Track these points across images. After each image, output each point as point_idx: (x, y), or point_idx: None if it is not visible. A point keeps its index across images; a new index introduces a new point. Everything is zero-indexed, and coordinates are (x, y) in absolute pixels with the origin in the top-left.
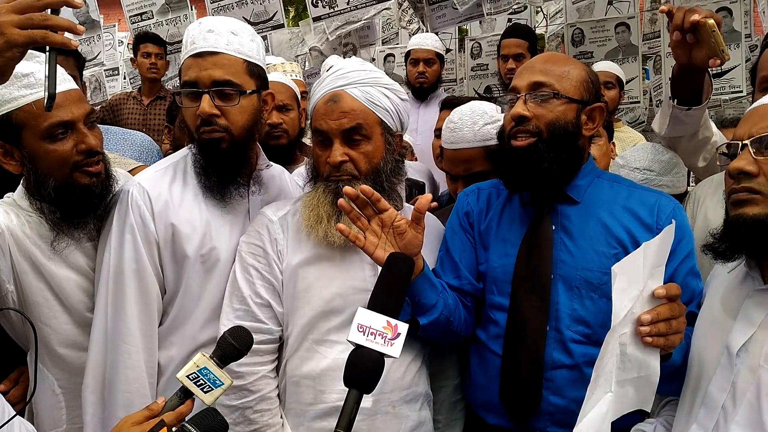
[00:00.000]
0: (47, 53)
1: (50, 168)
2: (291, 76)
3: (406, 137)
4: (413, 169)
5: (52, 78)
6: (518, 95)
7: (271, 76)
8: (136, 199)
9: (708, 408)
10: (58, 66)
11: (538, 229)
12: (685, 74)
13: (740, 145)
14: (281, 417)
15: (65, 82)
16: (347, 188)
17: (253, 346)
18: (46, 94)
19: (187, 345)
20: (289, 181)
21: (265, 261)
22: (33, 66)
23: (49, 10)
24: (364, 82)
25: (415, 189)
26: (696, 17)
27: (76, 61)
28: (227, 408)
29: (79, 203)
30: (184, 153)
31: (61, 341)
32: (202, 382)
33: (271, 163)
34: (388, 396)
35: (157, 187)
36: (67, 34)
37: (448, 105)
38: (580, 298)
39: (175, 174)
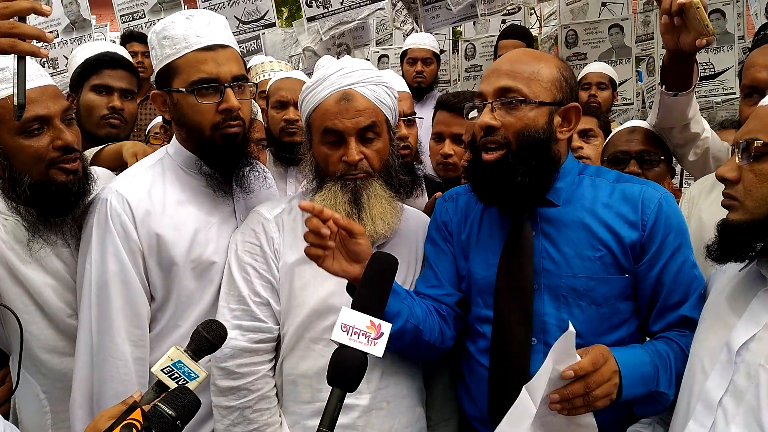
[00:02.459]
0: (16, 62)
1: (25, 164)
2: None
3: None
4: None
5: (21, 87)
6: (485, 102)
7: (288, 73)
8: (115, 208)
9: (705, 404)
10: (33, 62)
11: (517, 238)
12: (675, 60)
13: (731, 150)
14: (279, 416)
15: (41, 77)
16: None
17: (253, 345)
18: (16, 103)
19: None
20: (271, 181)
21: (263, 259)
22: (7, 60)
23: (16, 18)
24: (370, 81)
25: (432, 186)
26: (681, 0)
27: (137, 81)
28: (226, 409)
29: (55, 201)
30: (160, 155)
31: (42, 347)
32: (176, 375)
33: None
34: (383, 392)
35: (137, 194)
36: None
37: (443, 104)
38: (568, 307)
39: (153, 179)
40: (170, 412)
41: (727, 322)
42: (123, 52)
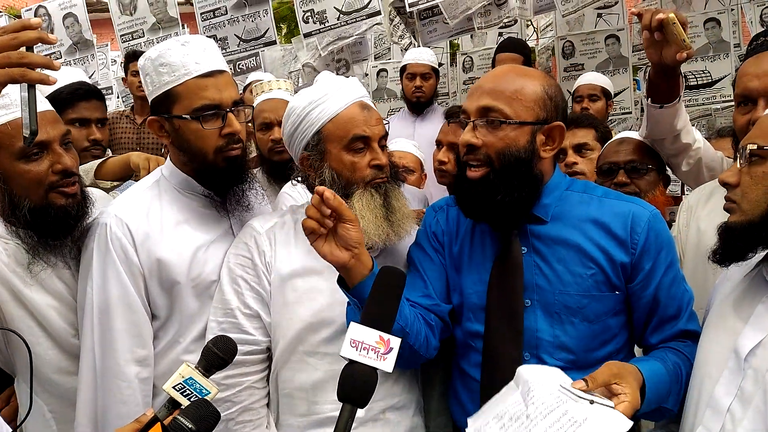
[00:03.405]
0: (27, 90)
1: (25, 189)
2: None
3: (417, 153)
4: (410, 195)
5: (33, 114)
6: (468, 120)
7: (273, 93)
8: (115, 233)
9: (714, 411)
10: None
11: (507, 255)
12: (659, 73)
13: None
14: (267, 428)
15: (40, 103)
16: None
17: (239, 357)
18: (28, 130)
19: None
20: (261, 197)
21: (254, 272)
22: (7, 87)
23: (24, 48)
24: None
25: None
26: (660, 16)
27: (99, 102)
28: None
29: (55, 225)
30: (155, 177)
31: (48, 367)
32: (188, 392)
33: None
34: (379, 403)
35: (136, 218)
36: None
37: (447, 114)
38: (561, 324)
39: (151, 201)
40: (189, 426)
41: (733, 328)
42: (81, 75)
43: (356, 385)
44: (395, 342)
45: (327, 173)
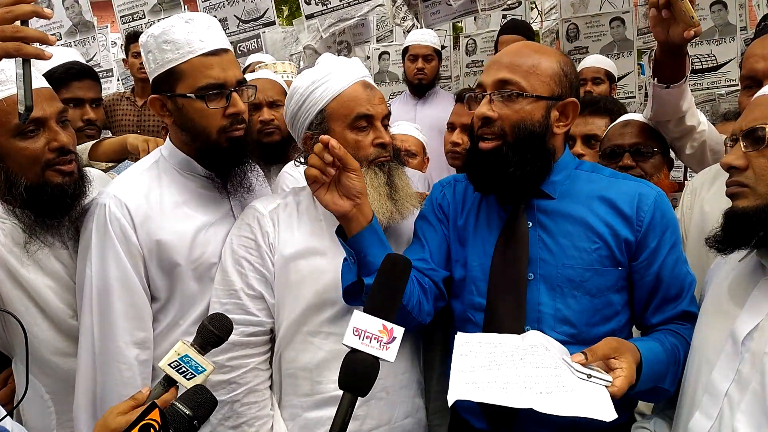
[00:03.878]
0: (21, 64)
1: (21, 166)
2: (285, 77)
3: (419, 136)
4: (414, 178)
5: (27, 89)
6: (484, 93)
7: (259, 74)
8: (114, 213)
9: (711, 395)
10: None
11: (513, 227)
12: (666, 53)
13: (736, 138)
14: (271, 409)
15: (36, 79)
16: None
17: (244, 338)
18: (24, 105)
19: None
20: (262, 179)
21: (257, 253)
22: (2, 63)
23: (19, 22)
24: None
25: None
26: None
27: (93, 82)
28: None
29: (52, 203)
30: (155, 158)
31: (45, 348)
32: (184, 369)
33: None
34: (382, 381)
35: (135, 198)
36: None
37: (458, 96)
38: (563, 297)
39: (150, 182)
40: (187, 412)
41: (729, 313)
42: (75, 55)
43: (358, 373)
44: (398, 331)
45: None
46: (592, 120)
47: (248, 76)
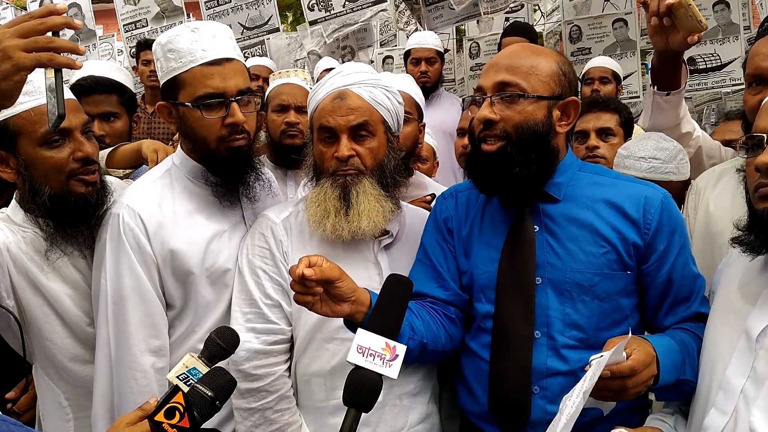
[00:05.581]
0: (53, 74)
1: (46, 175)
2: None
3: (430, 141)
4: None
5: (60, 98)
6: (485, 96)
7: (289, 79)
8: (128, 223)
9: (726, 392)
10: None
11: (519, 232)
12: (664, 61)
13: (765, 138)
14: (299, 415)
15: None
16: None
17: (267, 347)
18: (55, 114)
19: None
20: (277, 189)
21: (272, 262)
22: (31, 74)
23: (50, 33)
24: (367, 83)
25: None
26: (669, 0)
27: (119, 98)
28: (247, 411)
29: (74, 213)
30: (167, 166)
31: (64, 355)
32: (191, 382)
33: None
34: (395, 389)
35: (148, 208)
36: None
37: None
38: (572, 302)
39: (163, 191)
40: (210, 393)
41: (741, 311)
42: (94, 68)
43: (361, 390)
44: (401, 349)
45: (310, 161)
46: (603, 115)
47: (278, 81)
